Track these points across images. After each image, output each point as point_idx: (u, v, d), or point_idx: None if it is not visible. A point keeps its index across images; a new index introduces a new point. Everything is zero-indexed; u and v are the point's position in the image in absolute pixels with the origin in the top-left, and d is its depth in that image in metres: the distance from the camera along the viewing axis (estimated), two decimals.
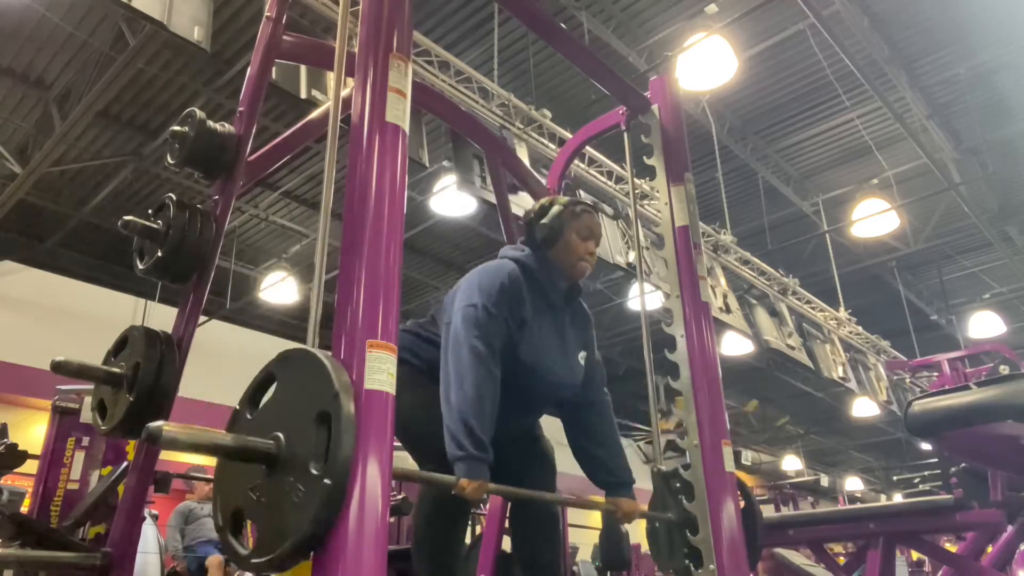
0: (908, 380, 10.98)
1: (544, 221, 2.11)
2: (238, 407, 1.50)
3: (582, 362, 2.19)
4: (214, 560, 5.26)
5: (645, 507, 2.31)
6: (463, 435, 1.74)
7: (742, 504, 2.28)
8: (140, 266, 2.25)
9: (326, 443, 1.30)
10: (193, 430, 1.33)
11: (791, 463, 17.05)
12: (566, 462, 2.23)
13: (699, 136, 7.39)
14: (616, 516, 2.11)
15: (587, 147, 5.56)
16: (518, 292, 2.00)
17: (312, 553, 1.30)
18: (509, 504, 2.21)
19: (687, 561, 2.18)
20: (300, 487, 1.31)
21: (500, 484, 1.85)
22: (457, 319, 1.89)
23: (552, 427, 2.23)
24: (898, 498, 8.85)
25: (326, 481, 1.27)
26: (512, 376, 1.94)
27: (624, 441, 13.91)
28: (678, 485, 2.29)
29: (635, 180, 3.11)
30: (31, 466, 3.41)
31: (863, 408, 11.68)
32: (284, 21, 2.48)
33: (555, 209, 2.13)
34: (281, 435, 1.38)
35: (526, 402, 2.07)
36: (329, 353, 1.42)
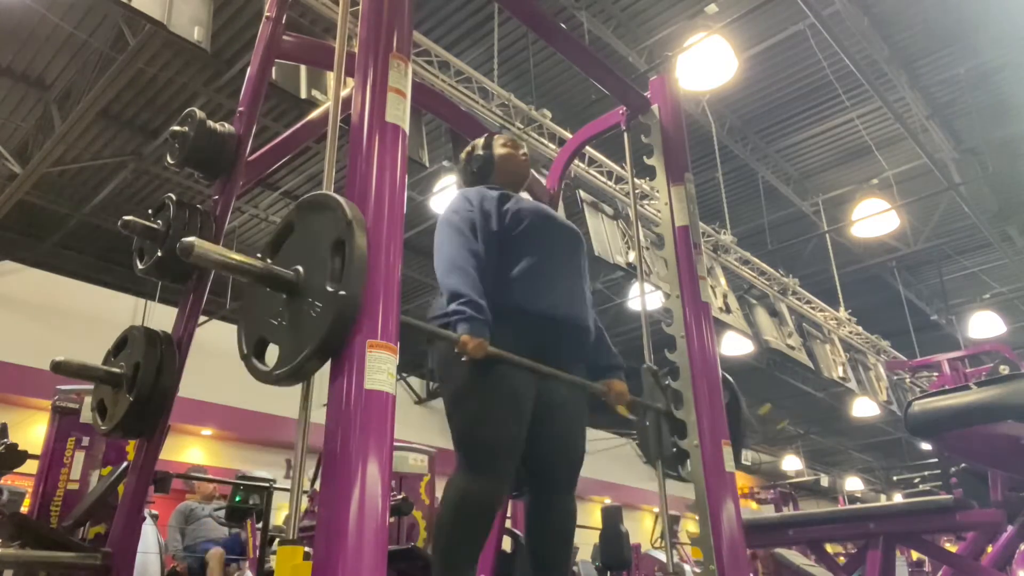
0: (908, 380, 10.99)
1: (477, 153, 2.38)
2: (259, 254, 1.63)
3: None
4: (215, 552, 5.27)
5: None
6: (460, 301, 1.91)
7: (726, 400, 2.41)
8: (140, 266, 2.25)
9: (341, 266, 1.45)
10: (224, 250, 1.48)
11: (791, 463, 17.05)
12: None
13: (699, 136, 7.39)
14: (609, 398, 2.22)
15: (587, 147, 5.56)
16: (484, 194, 2.19)
17: (329, 368, 1.43)
18: (525, 504, 2.20)
19: (675, 450, 2.31)
20: (318, 304, 1.45)
21: (528, 459, 2.03)
22: (438, 229, 2.12)
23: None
24: (898, 498, 8.86)
25: (342, 293, 1.42)
26: (530, 232, 2.14)
27: (623, 440, 13.92)
28: (666, 382, 2.41)
29: (635, 180, 3.11)
30: (31, 466, 3.40)
31: (863, 408, 11.68)
32: (284, 21, 2.48)
33: (479, 142, 2.41)
34: (300, 267, 1.53)
35: (556, 260, 2.18)
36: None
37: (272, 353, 1.56)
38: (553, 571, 2.10)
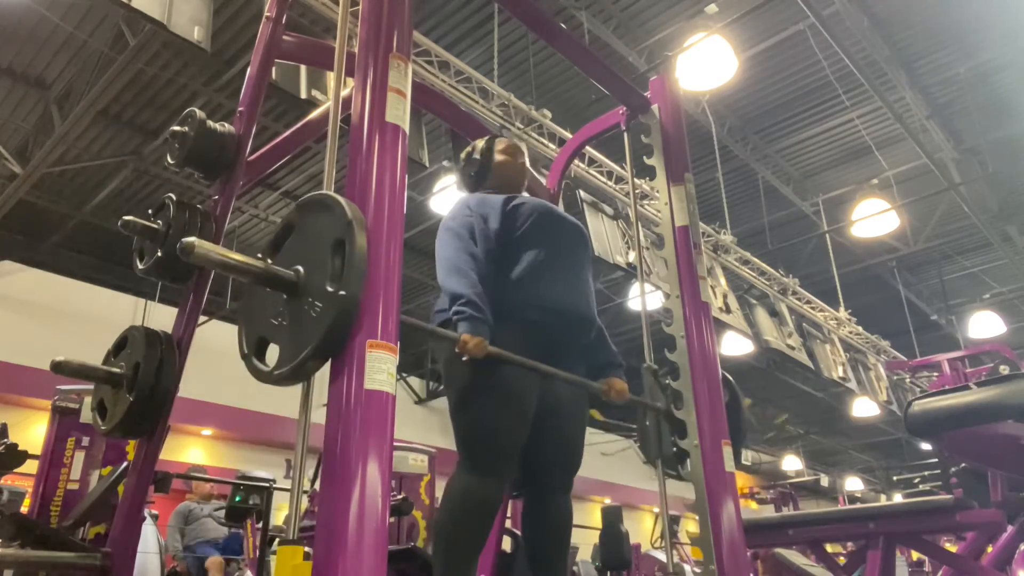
0: (908, 380, 10.99)
1: (475, 156, 2.39)
2: (260, 255, 1.63)
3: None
4: (214, 561, 5.26)
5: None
6: (460, 302, 1.93)
7: (726, 399, 2.40)
8: (140, 266, 2.25)
9: (341, 266, 1.45)
10: (224, 250, 1.48)
11: (791, 463, 17.05)
12: None
13: (699, 136, 7.39)
14: (609, 395, 2.21)
15: (587, 147, 5.56)
16: (484, 200, 2.21)
17: (329, 368, 1.44)
18: (523, 503, 2.21)
19: (675, 450, 2.31)
20: (318, 304, 1.46)
21: (526, 459, 2.03)
22: (438, 236, 2.16)
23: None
24: (898, 498, 8.86)
25: (342, 293, 1.42)
26: (529, 239, 2.15)
27: (624, 442, 13.92)
28: (667, 382, 2.41)
29: (635, 180, 3.11)
30: (31, 466, 3.40)
31: (863, 408, 11.68)
32: (284, 21, 2.48)
33: (480, 144, 2.42)
34: (300, 267, 1.54)
35: (559, 258, 2.19)
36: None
37: (272, 353, 1.56)
38: (551, 571, 2.10)
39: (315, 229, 1.55)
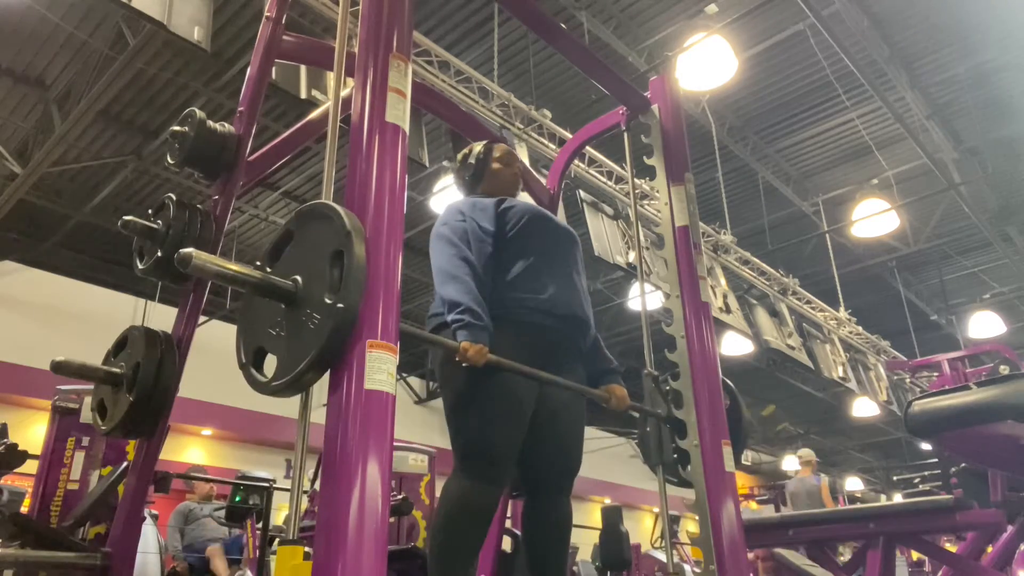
0: (908, 380, 10.98)
1: (470, 160, 2.38)
2: (258, 263, 1.63)
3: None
4: (214, 550, 5.28)
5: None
6: (459, 309, 1.92)
7: (726, 403, 2.41)
8: (140, 266, 2.25)
9: (340, 277, 1.44)
10: (222, 261, 1.48)
11: (791, 463, 17.04)
12: None
13: (699, 136, 7.39)
14: (610, 403, 2.22)
15: (587, 147, 5.56)
16: (476, 204, 2.21)
17: (328, 373, 1.43)
18: (523, 504, 2.21)
19: (675, 455, 2.30)
20: (316, 315, 1.45)
21: (524, 461, 2.04)
22: (432, 243, 2.14)
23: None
24: (898, 498, 8.86)
25: (340, 305, 1.41)
26: (524, 241, 2.15)
27: (623, 440, 13.92)
28: (667, 388, 2.40)
29: (635, 180, 3.11)
30: (31, 466, 3.40)
31: (863, 408, 11.68)
32: (284, 21, 2.48)
33: (476, 148, 2.41)
34: (299, 277, 1.53)
35: (553, 261, 2.19)
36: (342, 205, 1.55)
37: (270, 362, 1.55)
38: (551, 572, 2.10)
39: (314, 238, 1.54)
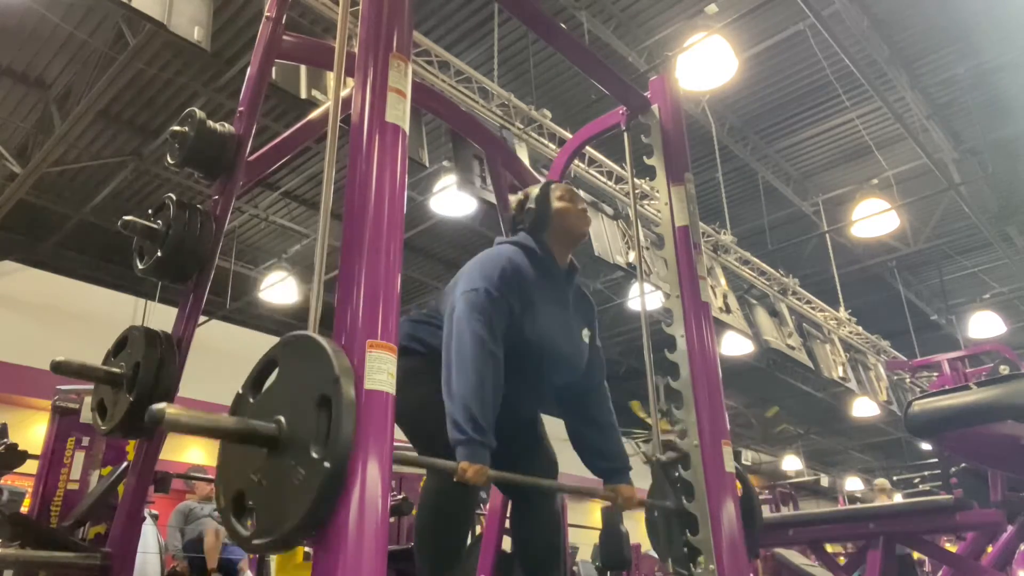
0: (908, 380, 10.98)
1: (530, 205, 2.19)
2: (241, 391, 1.51)
3: (586, 341, 2.21)
4: (212, 529, 5.29)
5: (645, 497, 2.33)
6: (464, 419, 1.74)
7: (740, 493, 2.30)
8: (140, 266, 2.25)
9: (327, 427, 1.32)
10: (196, 413, 1.33)
11: (791, 463, 17.05)
12: (566, 462, 2.24)
13: (699, 136, 7.39)
14: (616, 503, 2.13)
15: (587, 147, 5.56)
16: (520, 273, 2.02)
17: (314, 534, 1.32)
18: (510, 504, 2.20)
19: (686, 549, 2.19)
20: (301, 470, 1.32)
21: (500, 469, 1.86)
22: (460, 304, 1.89)
23: (553, 426, 2.23)
24: (898, 498, 8.86)
25: (326, 464, 1.29)
26: (519, 356, 1.96)
27: (623, 439, 13.89)
28: (676, 475, 2.30)
29: (635, 180, 3.10)
30: (31, 466, 3.41)
31: (863, 408, 11.68)
32: (284, 21, 2.48)
33: (533, 192, 2.23)
34: (283, 418, 1.39)
35: (533, 384, 2.08)
36: (330, 338, 1.43)
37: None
38: (547, 572, 2.10)
39: (299, 375, 1.43)
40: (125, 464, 2.40)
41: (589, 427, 2.20)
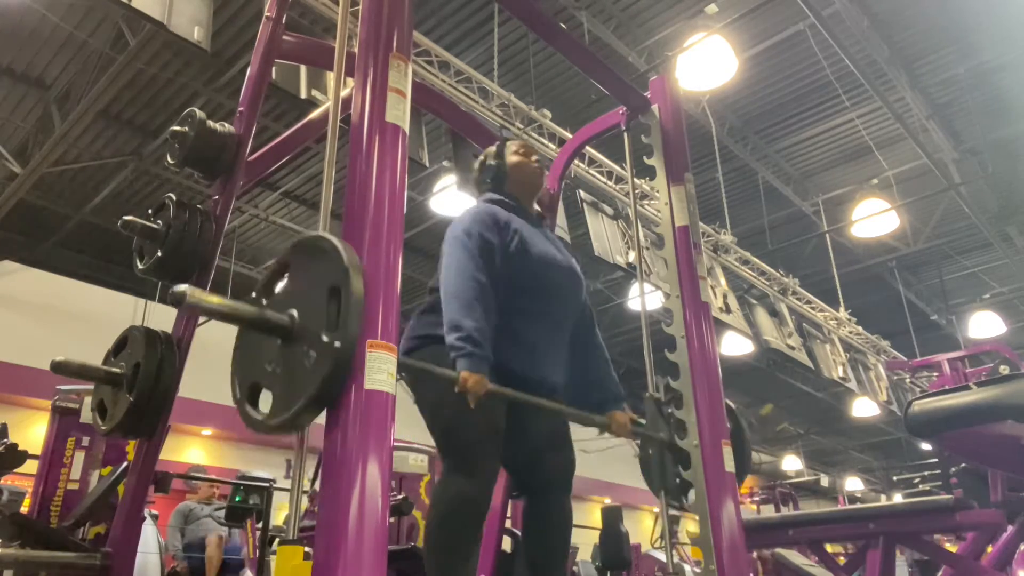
0: (908, 380, 10.98)
1: (489, 163, 2.33)
2: (254, 294, 1.59)
3: (576, 266, 2.32)
4: (213, 538, 5.29)
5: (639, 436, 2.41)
6: (460, 335, 1.85)
7: (730, 427, 2.38)
8: (140, 266, 2.26)
9: (336, 314, 1.41)
10: (216, 297, 1.46)
11: (791, 463, 17.05)
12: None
13: (699, 136, 7.39)
14: (610, 429, 2.20)
15: (587, 147, 5.56)
16: (495, 215, 2.14)
17: (325, 411, 1.40)
18: (523, 504, 2.20)
19: (678, 481, 2.28)
20: (312, 353, 1.41)
21: (517, 465, 2.07)
22: (444, 250, 2.05)
23: None
24: (898, 498, 8.85)
25: (337, 344, 1.38)
26: (524, 289, 2.08)
27: (623, 440, 13.90)
28: (669, 411, 2.39)
29: (635, 180, 3.11)
30: (31, 466, 3.41)
31: (863, 408, 11.68)
32: (284, 21, 2.48)
33: (491, 150, 2.36)
34: (295, 311, 1.49)
35: (545, 316, 2.14)
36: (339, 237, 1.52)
37: (266, 397, 1.52)
38: (551, 572, 2.10)
39: (311, 272, 1.50)
40: (125, 464, 2.40)
41: (584, 362, 2.30)
